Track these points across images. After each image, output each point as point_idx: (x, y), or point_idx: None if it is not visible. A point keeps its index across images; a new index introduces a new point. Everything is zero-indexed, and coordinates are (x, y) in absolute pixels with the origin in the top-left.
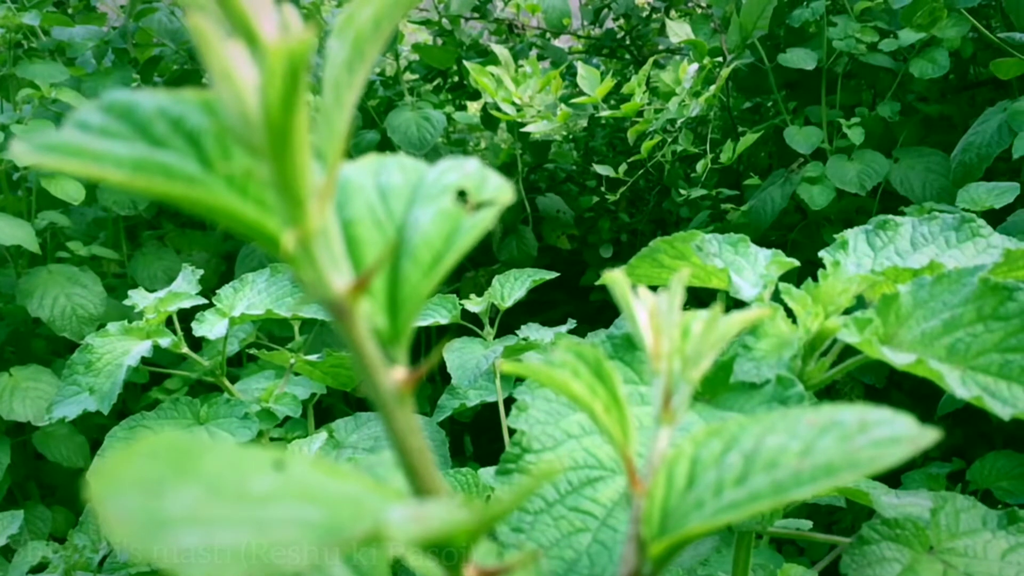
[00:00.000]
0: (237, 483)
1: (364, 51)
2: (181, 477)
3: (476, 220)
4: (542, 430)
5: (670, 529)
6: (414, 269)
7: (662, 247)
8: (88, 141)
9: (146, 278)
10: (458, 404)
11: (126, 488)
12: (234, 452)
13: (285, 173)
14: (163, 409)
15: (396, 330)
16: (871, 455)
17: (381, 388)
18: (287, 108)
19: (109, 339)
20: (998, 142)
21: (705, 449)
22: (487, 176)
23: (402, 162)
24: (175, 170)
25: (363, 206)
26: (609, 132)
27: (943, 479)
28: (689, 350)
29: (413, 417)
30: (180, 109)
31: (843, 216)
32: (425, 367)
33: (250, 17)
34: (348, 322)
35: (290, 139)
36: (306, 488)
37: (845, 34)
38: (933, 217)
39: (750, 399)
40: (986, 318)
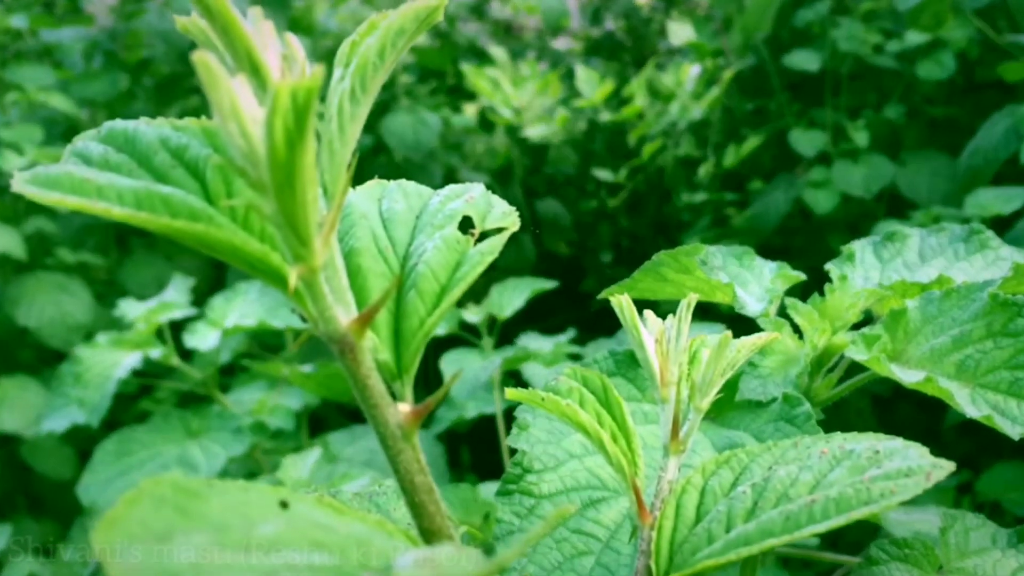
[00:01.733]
0: (244, 528)
1: (367, 82)
2: (188, 522)
3: (482, 250)
4: (543, 450)
5: (679, 564)
6: (419, 302)
7: (666, 260)
8: (89, 175)
9: (136, 286)
10: (456, 416)
11: (132, 539)
12: (240, 493)
13: (290, 209)
14: (154, 422)
15: (401, 365)
16: (884, 488)
17: (386, 425)
18: (293, 145)
19: (98, 350)
20: (1005, 146)
21: (715, 479)
22: (492, 202)
23: (405, 188)
24: (178, 204)
25: (367, 235)
26: (608, 135)
27: (951, 491)
28: (698, 378)
29: (420, 454)
30: (181, 139)
31: (848, 221)
32: (432, 402)
33: (255, 50)
34: (353, 357)
35: (295, 176)
36: (312, 530)
37: (850, 36)
38: (941, 228)
39: (756, 418)
40: (996, 334)
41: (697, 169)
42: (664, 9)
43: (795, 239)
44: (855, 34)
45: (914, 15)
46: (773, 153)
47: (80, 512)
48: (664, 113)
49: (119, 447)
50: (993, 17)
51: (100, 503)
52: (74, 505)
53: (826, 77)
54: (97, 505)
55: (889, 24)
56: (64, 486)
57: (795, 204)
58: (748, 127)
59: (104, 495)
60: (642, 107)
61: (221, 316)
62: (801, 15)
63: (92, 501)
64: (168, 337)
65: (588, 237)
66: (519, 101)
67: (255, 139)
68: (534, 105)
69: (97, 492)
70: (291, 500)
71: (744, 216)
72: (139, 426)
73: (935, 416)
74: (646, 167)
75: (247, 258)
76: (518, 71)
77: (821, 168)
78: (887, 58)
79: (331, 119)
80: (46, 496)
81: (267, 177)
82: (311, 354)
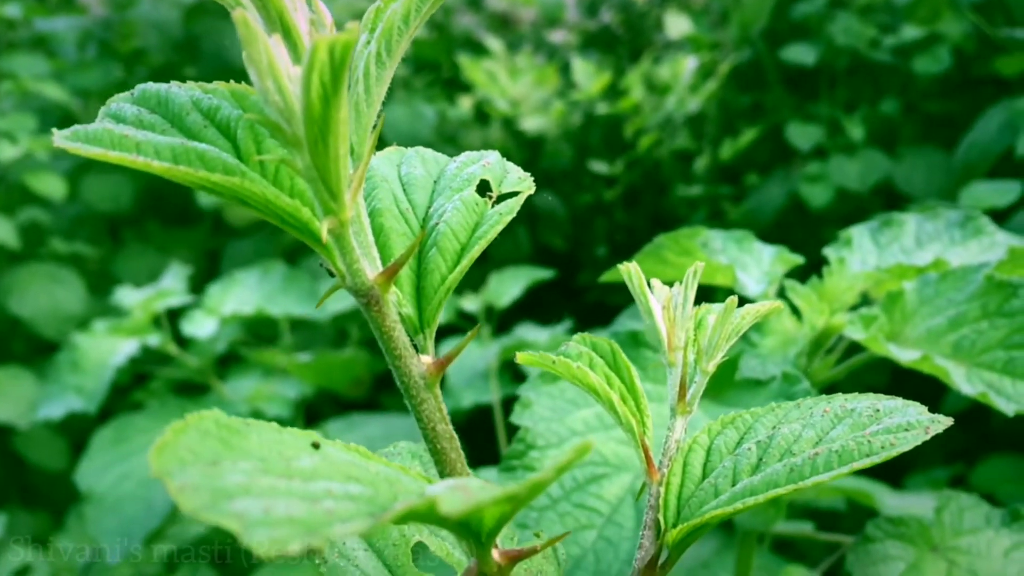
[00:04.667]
0: (284, 460)
1: (393, 46)
2: (230, 452)
3: (500, 211)
4: (547, 427)
5: (687, 517)
6: (440, 260)
7: (667, 243)
8: (128, 131)
9: (128, 276)
10: (452, 406)
11: (183, 463)
12: (274, 433)
13: (323, 164)
14: (151, 409)
15: (424, 319)
16: (884, 441)
17: (410, 375)
18: (328, 100)
19: (96, 338)
20: (1000, 140)
21: (720, 438)
22: (508, 168)
23: (423, 154)
24: (213, 160)
25: (388, 197)
26: (604, 128)
27: (945, 483)
28: (704, 342)
29: (441, 403)
30: (212, 100)
31: (844, 215)
32: (453, 353)
33: (287, 12)
34: (379, 309)
35: (329, 130)
36: (345, 467)
37: (846, 30)
38: (937, 214)
39: (756, 396)
40: (991, 315)
41: (693, 162)
42: (660, 2)
43: (791, 233)
44: (852, 28)
45: (910, 9)
46: (769, 147)
47: (76, 501)
48: (660, 106)
49: (117, 434)
50: (989, 11)
51: (98, 489)
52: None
53: (822, 71)
54: (95, 491)
55: (886, 18)
56: (57, 477)
57: (791, 198)
58: (744, 121)
59: (101, 481)
60: (639, 100)
61: (218, 304)
62: (798, 9)
63: (90, 487)
64: (166, 325)
65: (583, 231)
66: (515, 93)
67: (290, 95)
68: (530, 97)
69: (95, 478)
70: (321, 443)
71: (740, 210)
72: (136, 413)
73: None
74: (642, 160)
75: (279, 212)
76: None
77: (817, 162)
78: (883, 53)
79: (358, 81)
80: (39, 487)
81: (302, 132)
82: (305, 344)
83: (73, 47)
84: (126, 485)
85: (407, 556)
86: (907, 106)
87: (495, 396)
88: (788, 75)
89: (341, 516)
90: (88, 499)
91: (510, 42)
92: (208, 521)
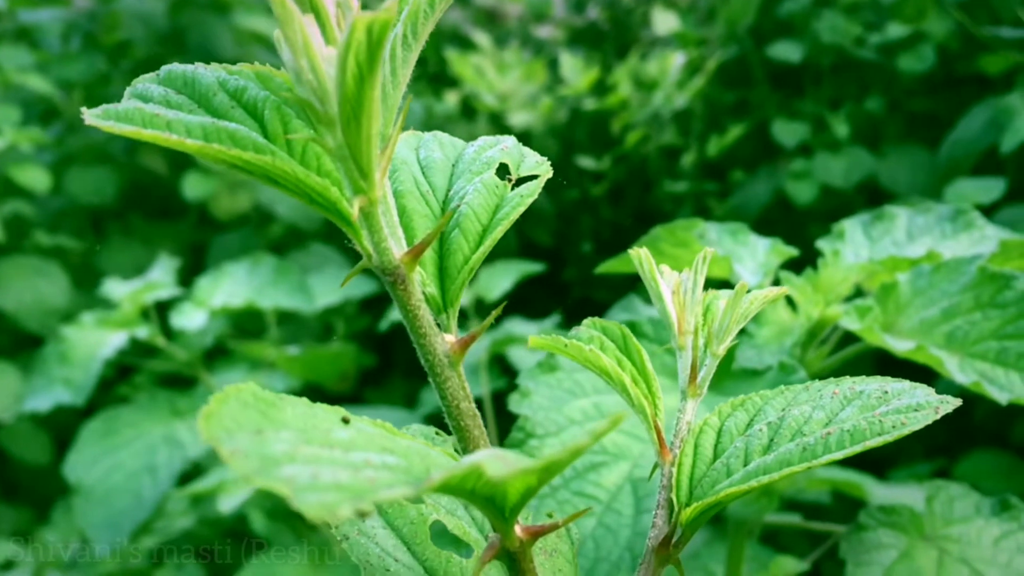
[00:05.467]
0: (322, 431)
1: (419, 28)
2: (271, 423)
3: (521, 193)
4: (545, 415)
5: (699, 496)
6: (463, 240)
7: (663, 235)
8: (158, 110)
9: (113, 270)
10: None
11: (230, 431)
12: (307, 407)
13: (355, 143)
14: (140, 402)
15: (447, 298)
16: (896, 421)
17: (434, 353)
18: (363, 79)
19: (84, 330)
20: (984, 138)
21: (731, 420)
22: (524, 152)
23: (440, 138)
24: (243, 139)
25: (409, 179)
26: (591, 124)
27: (927, 478)
28: (715, 326)
29: (464, 381)
30: (239, 82)
31: (828, 212)
32: (478, 332)
33: None
34: (404, 288)
35: (362, 110)
36: (379, 440)
37: (832, 28)
38: (928, 208)
39: (752, 385)
40: (984, 306)
41: (680, 158)
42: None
43: (776, 229)
44: (837, 26)
45: (896, 8)
46: (754, 144)
47: (61, 495)
48: (648, 102)
49: (105, 426)
50: (973, 10)
51: (86, 482)
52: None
53: (808, 68)
54: (83, 484)
55: (871, 16)
56: (40, 472)
57: (776, 195)
58: (730, 117)
59: (90, 474)
60: (626, 96)
61: (208, 296)
62: (784, 6)
63: (78, 480)
64: (154, 317)
65: (569, 227)
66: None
67: (324, 74)
68: (518, 93)
69: (83, 471)
70: (350, 418)
71: (725, 206)
72: (125, 406)
73: None
74: (629, 156)
75: (308, 191)
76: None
77: (802, 159)
78: (868, 50)
79: (384, 63)
80: (21, 482)
81: (335, 111)
82: (292, 338)
83: (57, 39)
84: (115, 477)
85: (425, 534)
86: (891, 104)
87: (485, 389)
88: (774, 72)
89: (384, 483)
90: (77, 492)
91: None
92: (258, 485)
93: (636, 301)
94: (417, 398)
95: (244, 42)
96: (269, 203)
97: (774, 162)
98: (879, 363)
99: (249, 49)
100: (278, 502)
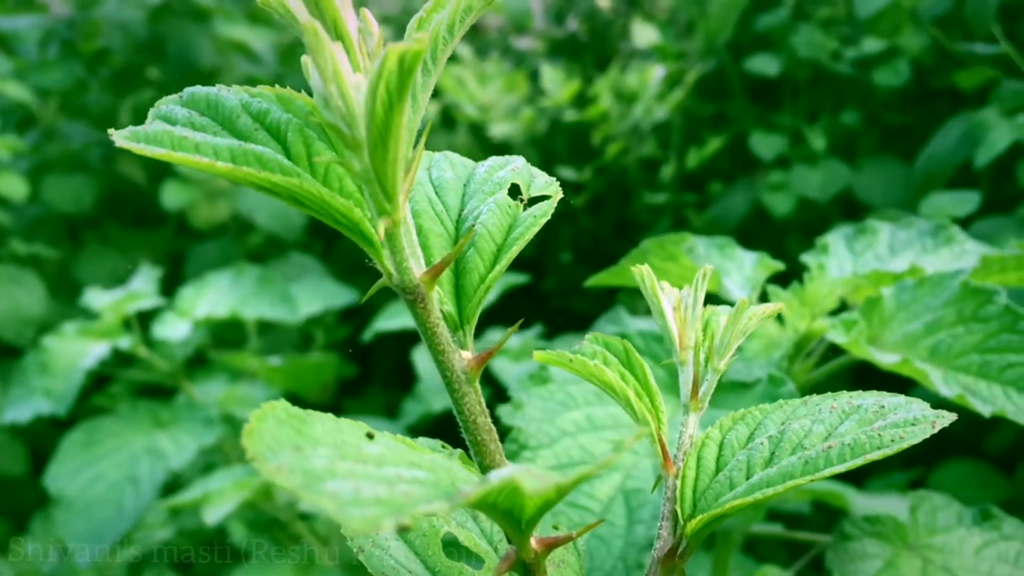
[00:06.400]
0: (353, 446)
1: (438, 55)
2: (305, 440)
3: (534, 213)
4: (538, 427)
5: (703, 508)
6: (478, 260)
7: (652, 248)
8: (186, 133)
9: (89, 279)
10: (423, 410)
11: (271, 449)
12: (333, 423)
13: (381, 166)
14: (121, 412)
15: (463, 316)
16: (894, 435)
17: (452, 370)
18: (392, 106)
19: (65, 340)
20: (959, 152)
21: (732, 434)
22: (534, 173)
23: (451, 158)
24: (270, 161)
25: (423, 199)
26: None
27: (904, 487)
28: (717, 341)
29: (480, 396)
30: (261, 104)
31: (805, 223)
32: (494, 349)
33: (343, 22)
34: (424, 307)
35: (390, 135)
36: (406, 455)
37: (809, 42)
38: (910, 223)
39: (742, 397)
40: (967, 320)
41: (659, 170)
42: (626, 11)
43: (754, 241)
44: (814, 41)
45: (872, 23)
46: (733, 156)
47: (39, 506)
48: (628, 114)
49: (87, 437)
50: (947, 26)
51: (68, 493)
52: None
53: (785, 82)
54: (65, 494)
55: (847, 31)
56: (15, 484)
57: (754, 206)
58: (708, 130)
59: (72, 484)
60: (607, 107)
61: (191, 306)
62: (762, 21)
63: (60, 490)
64: (136, 327)
65: (549, 237)
66: (485, 99)
67: (352, 100)
68: (499, 104)
69: (65, 481)
70: (374, 433)
71: (704, 218)
72: (106, 417)
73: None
74: (609, 167)
75: (333, 212)
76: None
77: (779, 171)
78: (844, 65)
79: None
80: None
81: (362, 135)
82: (271, 348)
83: (35, 46)
84: (97, 488)
85: (437, 546)
86: (867, 117)
87: None
88: (752, 85)
89: (421, 498)
90: (58, 502)
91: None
92: (304, 500)
93: (623, 313)
94: (399, 408)
95: (224, 51)
96: (248, 212)
97: (752, 174)
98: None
99: (229, 58)
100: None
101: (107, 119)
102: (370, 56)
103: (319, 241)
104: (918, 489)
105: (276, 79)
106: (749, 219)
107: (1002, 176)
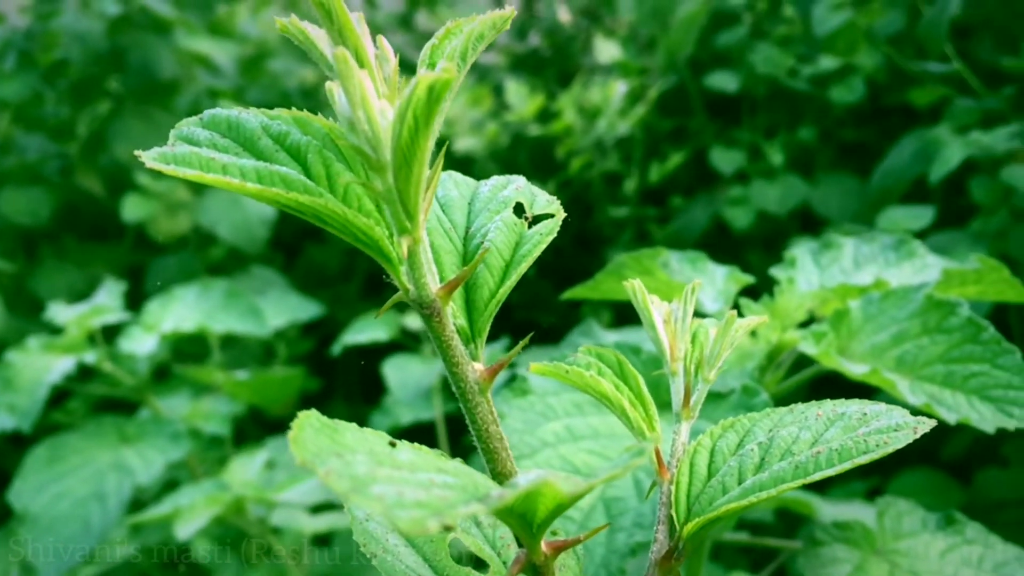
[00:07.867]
0: (385, 453)
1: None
2: (341, 447)
3: (540, 231)
4: (519, 439)
5: (697, 512)
6: (488, 275)
7: (628, 263)
8: (213, 155)
9: (47, 293)
10: (390, 423)
11: (315, 455)
12: (358, 431)
13: (404, 188)
14: (87, 428)
15: (475, 329)
16: (879, 440)
17: (466, 381)
18: (418, 131)
19: (30, 355)
20: (913, 167)
21: (722, 441)
22: (535, 192)
23: (455, 178)
24: (294, 182)
25: (432, 217)
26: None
27: (862, 495)
28: (707, 352)
29: (492, 406)
30: (281, 126)
31: (764, 236)
32: (505, 361)
33: (363, 49)
34: (439, 321)
35: (415, 159)
36: (432, 461)
37: (766, 59)
38: (873, 237)
39: (717, 408)
40: (931, 331)
41: (622, 184)
42: (587, 27)
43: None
44: (771, 58)
45: (828, 41)
46: (693, 170)
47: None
48: (591, 129)
49: (51, 453)
50: (901, 45)
51: (32, 509)
52: None
53: (744, 98)
54: (29, 511)
55: (803, 49)
56: None
57: (714, 220)
58: (668, 144)
59: (36, 501)
60: (570, 122)
61: (157, 320)
62: (721, 38)
63: (24, 507)
64: (100, 342)
65: None
66: (449, 113)
67: (379, 125)
68: (463, 118)
69: (29, 498)
70: (396, 442)
71: (665, 231)
72: (71, 432)
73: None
74: (573, 181)
75: (355, 230)
76: None
77: (739, 186)
78: (801, 81)
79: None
80: None
81: (387, 158)
82: (234, 362)
83: None
84: (62, 505)
85: (445, 551)
86: (823, 133)
87: (438, 411)
88: (712, 101)
89: (458, 501)
90: (23, 519)
91: None
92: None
93: (595, 326)
94: (366, 421)
95: (185, 63)
96: (210, 225)
97: (712, 189)
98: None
99: (190, 70)
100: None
101: (64, 131)
102: (386, 82)
103: (280, 254)
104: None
105: (237, 91)
106: (710, 233)
107: (954, 191)
